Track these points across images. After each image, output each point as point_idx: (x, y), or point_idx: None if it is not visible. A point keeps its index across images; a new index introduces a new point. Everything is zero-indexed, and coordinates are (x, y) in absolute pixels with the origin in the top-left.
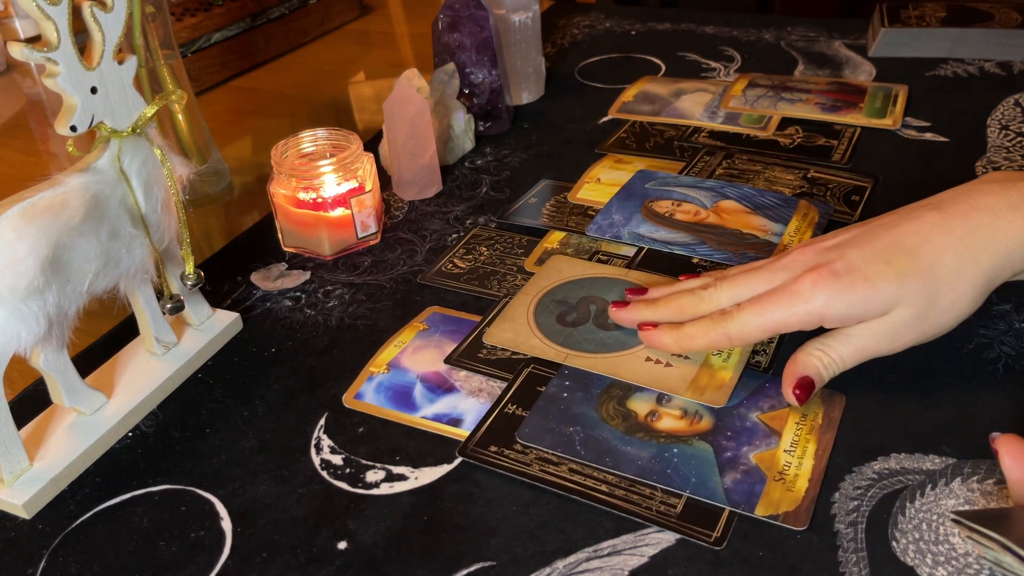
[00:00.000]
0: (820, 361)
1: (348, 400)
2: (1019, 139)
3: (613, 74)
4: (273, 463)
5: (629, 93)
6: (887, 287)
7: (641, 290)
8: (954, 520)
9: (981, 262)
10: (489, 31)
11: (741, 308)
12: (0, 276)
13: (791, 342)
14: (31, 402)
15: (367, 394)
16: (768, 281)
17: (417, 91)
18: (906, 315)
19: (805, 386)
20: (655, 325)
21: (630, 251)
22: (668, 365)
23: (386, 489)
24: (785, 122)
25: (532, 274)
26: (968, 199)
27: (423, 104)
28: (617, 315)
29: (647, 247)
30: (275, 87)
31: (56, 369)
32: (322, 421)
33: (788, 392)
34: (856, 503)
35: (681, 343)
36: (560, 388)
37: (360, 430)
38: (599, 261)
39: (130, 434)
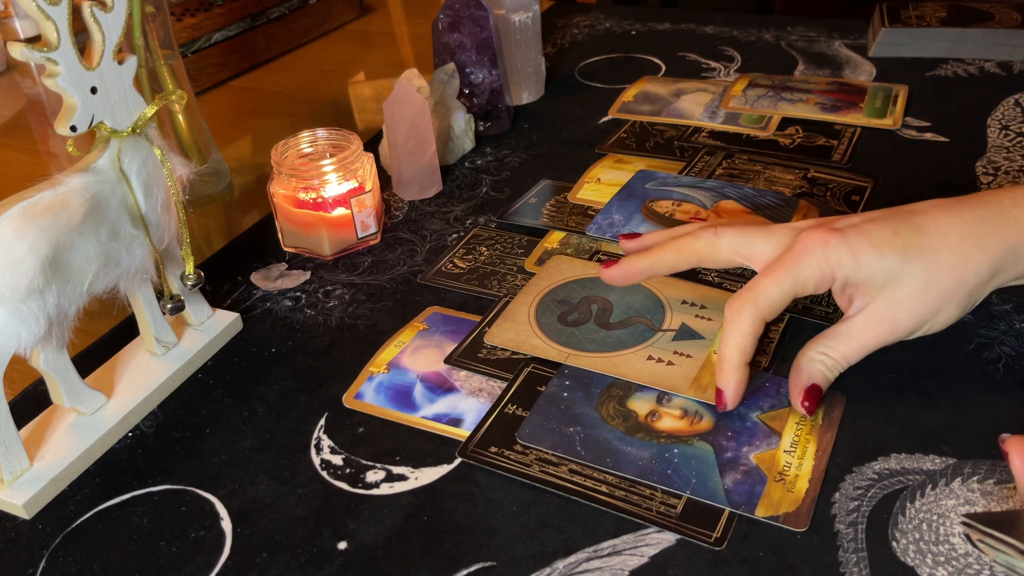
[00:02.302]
0: (824, 365)
1: (348, 400)
2: (1019, 139)
3: (613, 74)
4: (273, 463)
5: (629, 93)
6: (892, 257)
7: (634, 235)
8: (964, 523)
9: (988, 249)
10: (489, 31)
11: (756, 280)
12: (0, 276)
13: (791, 341)
14: (31, 402)
15: (367, 394)
16: (769, 238)
17: (417, 91)
18: (905, 293)
19: (813, 396)
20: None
21: None
22: (670, 364)
23: (386, 489)
24: (785, 122)
25: (532, 274)
26: (976, 195)
27: (423, 104)
28: (609, 275)
29: None
30: (275, 87)
31: (56, 369)
32: (322, 421)
33: (797, 404)
34: (856, 503)
35: (722, 358)
36: (560, 388)
37: (360, 430)
38: (599, 261)
39: (130, 434)
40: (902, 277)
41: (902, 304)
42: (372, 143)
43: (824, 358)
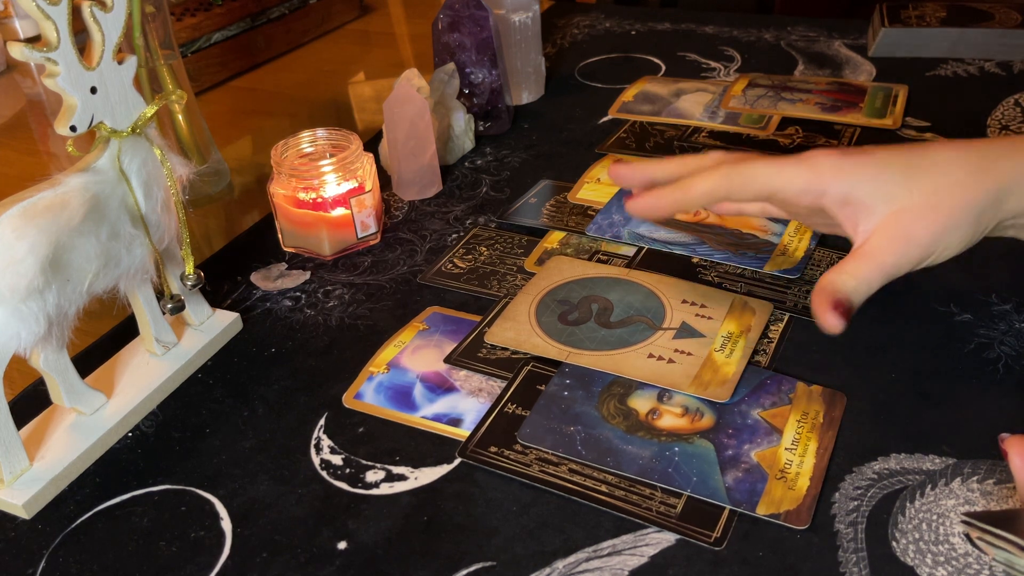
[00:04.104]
0: (846, 285)
1: (348, 400)
2: None
3: (613, 74)
4: (273, 463)
5: (629, 93)
6: (897, 171)
7: (623, 162)
8: (965, 521)
9: (995, 171)
10: (489, 31)
11: (750, 158)
12: (0, 276)
13: (792, 340)
14: (31, 402)
15: (367, 394)
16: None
17: (417, 91)
18: (914, 206)
19: (841, 307)
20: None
21: (630, 251)
22: (671, 361)
23: (386, 489)
24: (785, 122)
25: (532, 274)
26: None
27: (423, 104)
28: (635, 206)
29: (647, 247)
30: (275, 87)
31: (56, 369)
32: (322, 421)
33: (825, 312)
34: (856, 503)
35: (677, 193)
36: (561, 387)
37: (360, 430)
38: (599, 261)
39: (130, 434)
40: (908, 190)
41: (912, 218)
42: (372, 143)
43: (846, 277)
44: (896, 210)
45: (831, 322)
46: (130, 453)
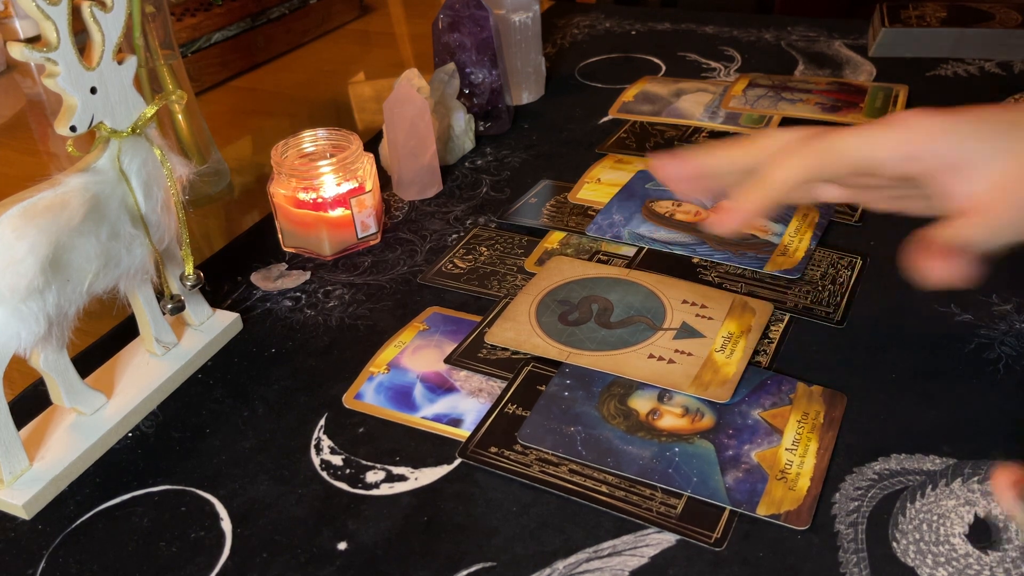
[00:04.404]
0: (955, 237)
1: (348, 400)
2: None
3: (613, 74)
4: (273, 463)
5: (629, 93)
6: (1000, 126)
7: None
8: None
9: None
10: (489, 31)
11: (830, 132)
12: (0, 276)
13: (792, 341)
14: (31, 402)
15: (367, 394)
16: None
17: (417, 91)
18: (1011, 167)
19: (952, 253)
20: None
21: (630, 251)
22: (671, 362)
23: (386, 489)
24: (785, 122)
25: (532, 274)
26: None
27: (423, 104)
28: (725, 224)
29: (647, 247)
30: (275, 87)
31: (56, 369)
32: (322, 421)
33: (934, 261)
34: (856, 503)
35: (761, 190)
36: (561, 387)
37: (360, 430)
38: (599, 261)
39: (130, 434)
40: (1017, 147)
41: (1013, 179)
42: (372, 143)
43: (965, 224)
44: (1007, 168)
45: (940, 270)
46: (130, 453)
